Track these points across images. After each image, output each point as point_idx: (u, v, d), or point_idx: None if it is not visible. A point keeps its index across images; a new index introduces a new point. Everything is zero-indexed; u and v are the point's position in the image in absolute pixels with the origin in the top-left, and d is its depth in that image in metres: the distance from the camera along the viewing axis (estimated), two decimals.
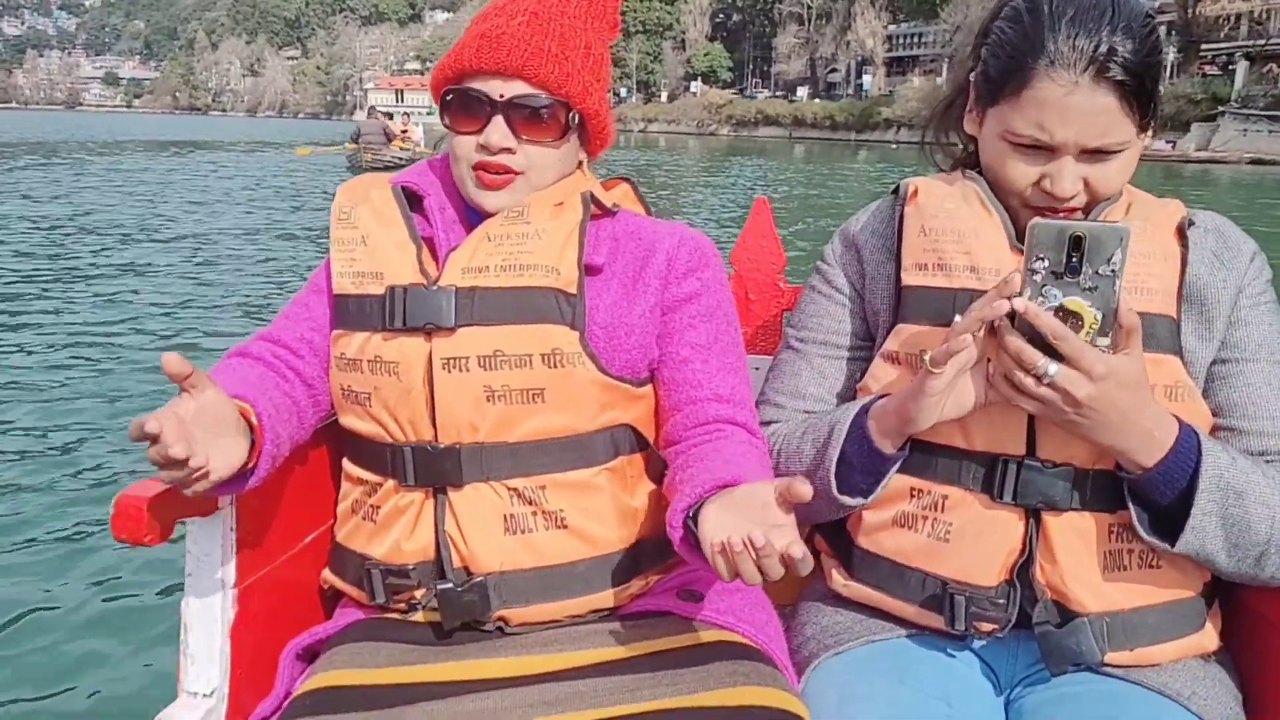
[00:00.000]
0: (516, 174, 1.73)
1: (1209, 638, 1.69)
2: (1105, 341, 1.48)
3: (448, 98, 1.74)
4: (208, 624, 1.69)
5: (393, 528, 1.72)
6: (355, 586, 1.79)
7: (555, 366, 1.66)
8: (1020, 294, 1.48)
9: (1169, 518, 1.56)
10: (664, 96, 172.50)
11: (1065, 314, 1.47)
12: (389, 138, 30.56)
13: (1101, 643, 1.61)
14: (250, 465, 1.57)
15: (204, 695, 1.69)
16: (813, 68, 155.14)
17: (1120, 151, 1.60)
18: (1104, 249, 1.44)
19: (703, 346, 1.79)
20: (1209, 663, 1.69)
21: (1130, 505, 1.58)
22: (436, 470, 1.68)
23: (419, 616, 1.75)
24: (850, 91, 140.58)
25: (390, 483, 1.72)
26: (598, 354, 1.70)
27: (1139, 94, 1.56)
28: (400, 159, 27.96)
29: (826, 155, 68.90)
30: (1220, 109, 70.82)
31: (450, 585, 1.67)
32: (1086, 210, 1.67)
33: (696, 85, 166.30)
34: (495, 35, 1.71)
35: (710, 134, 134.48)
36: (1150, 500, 1.57)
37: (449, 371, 1.65)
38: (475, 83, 1.72)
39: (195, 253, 15.10)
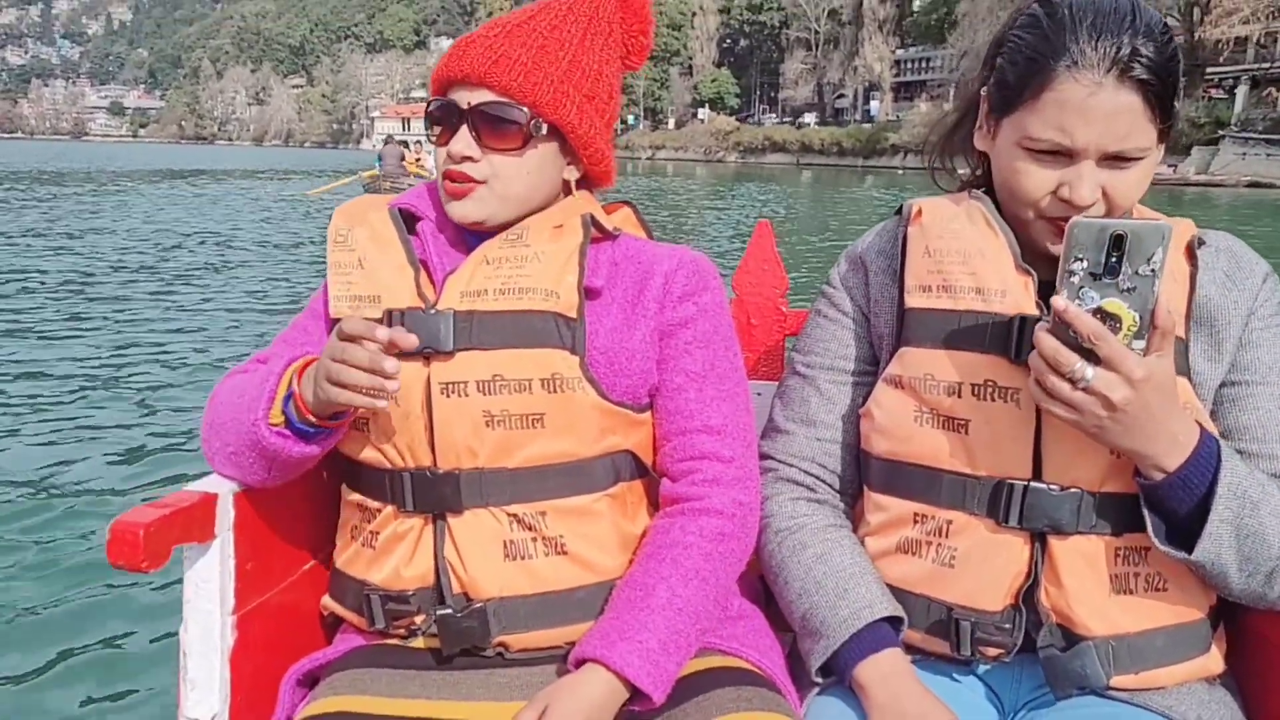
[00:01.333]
0: (478, 183, 1.72)
1: (1214, 661, 1.68)
2: (1140, 344, 1.45)
3: (429, 109, 1.75)
4: (207, 650, 1.68)
5: (392, 553, 1.71)
6: (355, 612, 1.78)
7: (555, 391, 1.65)
8: (1057, 295, 1.46)
9: (1184, 529, 1.55)
10: (671, 123, 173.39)
11: (1103, 316, 1.44)
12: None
13: (1107, 666, 1.60)
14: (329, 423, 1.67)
15: None
16: (820, 93, 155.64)
17: (1139, 160, 1.58)
18: (1145, 248, 1.41)
19: (698, 374, 1.76)
20: (1214, 686, 1.68)
21: (1146, 515, 1.55)
22: (435, 496, 1.67)
23: (419, 643, 1.74)
24: (858, 117, 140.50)
25: (389, 508, 1.71)
26: (598, 379, 1.69)
27: (1161, 96, 1.54)
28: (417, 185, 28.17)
29: (834, 181, 69.07)
30: (1221, 133, 70.95)
31: (450, 611, 1.66)
32: None
33: (704, 112, 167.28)
34: (467, 44, 1.72)
35: (718, 160, 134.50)
36: (1168, 508, 1.54)
37: (447, 396, 1.64)
38: (450, 94, 1.72)
39: (203, 280, 15.14)
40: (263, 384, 1.65)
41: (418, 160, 32.41)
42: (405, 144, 36.02)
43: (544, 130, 1.72)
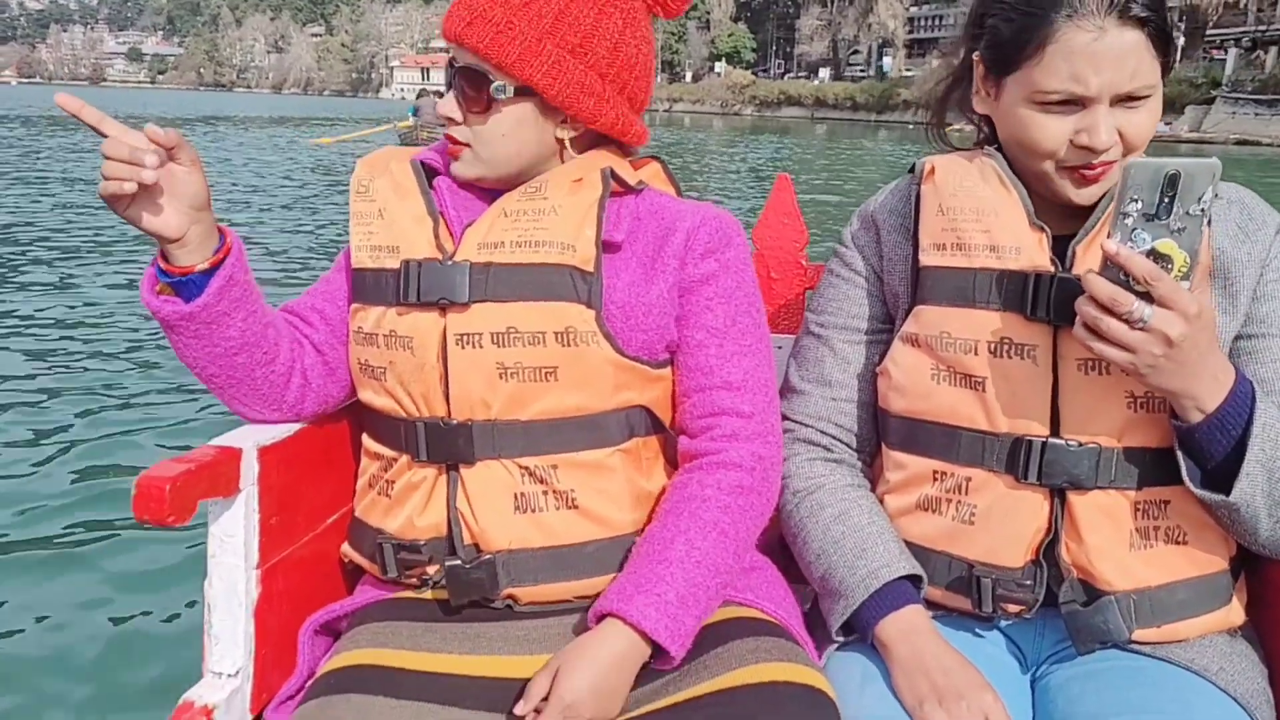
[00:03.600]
0: (462, 145, 1.71)
1: (1235, 613, 1.67)
2: (1187, 284, 1.44)
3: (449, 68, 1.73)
4: (231, 604, 1.69)
5: (406, 503, 1.72)
6: (370, 560, 1.79)
7: (569, 345, 1.63)
8: (1108, 239, 1.44)
9: (1216, 474, 1.54)
10: (688, 77, 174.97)
11: (1156, 257, 1.42)
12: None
13: (1129, 620, 1.60)
14: (198, 268, 1.58)
15: (229, 675, 1.70)
16: (835, 49, 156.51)
17: (1148, 98, 1.57)
18: (1196, 187, 1.40)
19: (718, 330, 1.74)
20: (1235, 638, 1.67)
21: (1180, 459, 1.54)
22: (449, 446, 1.67)
23: (435, 594, 1.75)
24: (871, 73, 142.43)
25: (404, 458, 1.72)
26: (614, 333, 1.67)
27: (1160, 29, 1.55)
28: None
29: (847, 134, 70.39)
30: (1214, 93, 74.09)
31: (459, 562, 1.67)
32: None
33: (720, 66, 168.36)
34: (457, 2, 1.68)
35: (734, 114, 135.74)
36: (1204, 450, 1.53)
37: (462, 347, 1.63)
38: (451, 50, 1.70)
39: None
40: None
41: None
42: (439, 94, 37.23)
43: (509, 92, 1.67)
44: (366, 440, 1.82)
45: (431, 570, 1.72)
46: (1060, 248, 1.62)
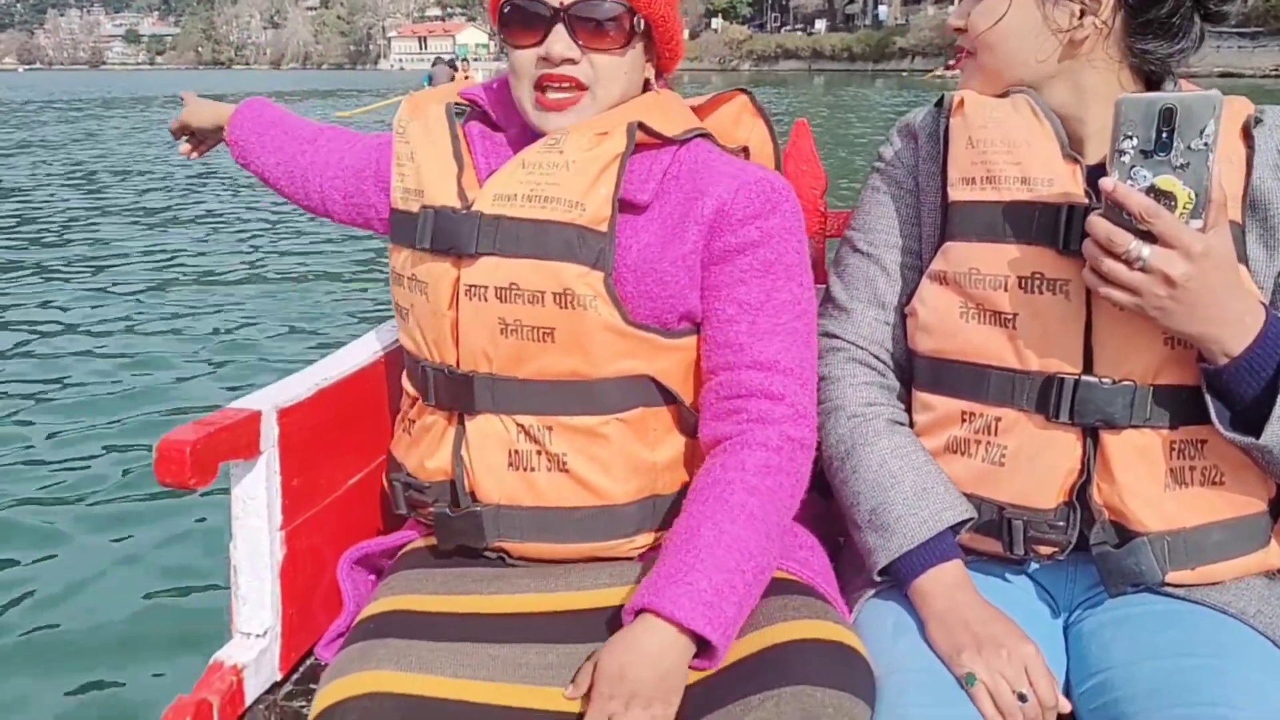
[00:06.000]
0: (582, 90, 1.66)
1: (1273, 555, 1.63)
2: (1198, 223, 1.40)
3: (505, 10, 1.67)
4: (257, 565, 1.71)
5: (420, 444, 1.75)
6: (392, 494, 1.84)
7: (566, 307, 1.59)
8: (1107, 176, 1.41)
9: (1249, 416, 1.50)
10: (685, 34, 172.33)
11: (1157, 194, 1.39)
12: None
13: (1162, 562, 1.57)
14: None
15: (257, 635, 1.72)
16: (830, 0, 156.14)
17: None
18: (1196, 120, 1.37)
19: (752, 306, 1.65)
20: (1274, 580, 1.64)
21: (1209, 401, 1.50)
22: (455, 394, 1.67)
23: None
24: (868, 23, 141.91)
25: (421, 400, 1.74)
26: (623, 298, 1.62)
27: None
28: None
29: (845, 84, 71.63)
30: None
31: (445, 509, 1.69)
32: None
33: (717, 22, 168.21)
34: None
35: (732, 69, 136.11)
36: (1232, 393, 1.49)
37: (470, 299, 1.62)
38: None
39: (245, 206, 15.14)
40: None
41: (466, 77, 33.39)
42: (452, 64, 36.14)
43: (643, 26, 1.68)
44: (404, 378, 1.84)
45: (433, 510, 1.73)
46: (1096, 179, 1.53)
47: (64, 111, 40.52)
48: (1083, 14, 1.59)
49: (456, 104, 1.79)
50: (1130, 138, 1.40)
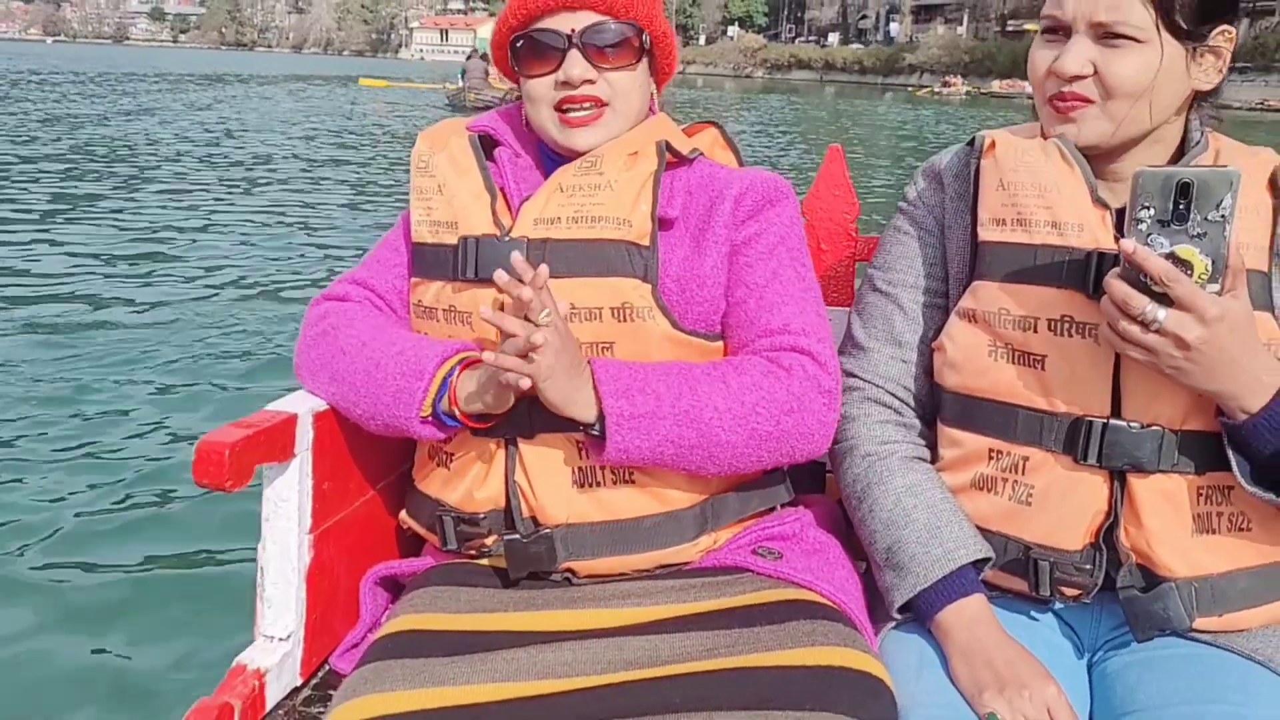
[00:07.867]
0: (603, 106, 1.71)
1: None
2: (1214, 288, 1.43)
3: (518, 45, 1.72)
4: (284, 568, 1.70)
5: (466, 475, 1.72)
6: (429, 530, 1.80)
7: (625, 320, 1.64)
8: (1125, 240, 1.43)
9: (1268, 470, 1.51)
10: (702, 40, 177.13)
11: (1175, 261, 1.42)
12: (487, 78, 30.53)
13: (1190, 608, 1.56)
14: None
15: (280, 639, 1.71)
16: (844, 14, 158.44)
17: (1136, 41, 1.55)
18: (1213, 195, 1.40)
19: (758, 285, 1.72)
20: None
21: (1230, 455, 1.51)
22: (509, 420, 1.66)
23: (488, 562, 1.76)
24: (879, 38, 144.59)
25: (464, 431, 1.70)
26: (670, 308, 1.67)
27: None
28: (497, 99, 27.41)
29: (855, 95, 74.05)
30: None
31: (518, 536, 1.67)
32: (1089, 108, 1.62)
33: (733, 30, 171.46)
34: None
35: (746, 76, 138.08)
36: (1253, 448, 1.50)
37: None
38: (542, 23, 1.70)
39: (274, 191, 15.08)
40: (410, 371, 1.65)
41: (500, 75, 34.79)
42: (485, 57, 34.64)
43: (649, 44, 1.75)
44: None
45: (490, 542, 1.73)
46: (1124, 226, 1.54)
47: (138, 94, 38.97)
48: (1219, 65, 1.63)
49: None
50: (1147, 207, 1.43)
